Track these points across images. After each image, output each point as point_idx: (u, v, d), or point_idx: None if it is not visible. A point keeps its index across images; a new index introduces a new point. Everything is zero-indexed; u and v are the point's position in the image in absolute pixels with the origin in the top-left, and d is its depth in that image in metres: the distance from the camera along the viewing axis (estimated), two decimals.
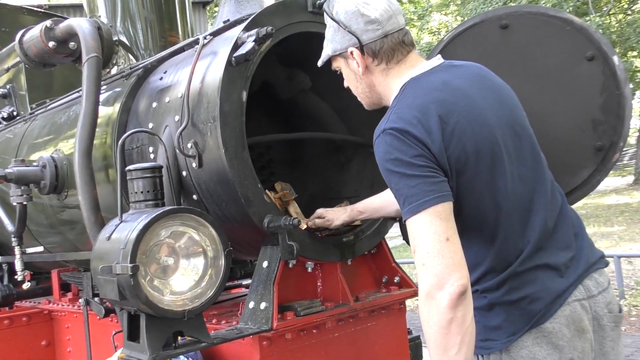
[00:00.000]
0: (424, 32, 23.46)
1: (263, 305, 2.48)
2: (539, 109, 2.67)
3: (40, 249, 3.66)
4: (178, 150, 2.50)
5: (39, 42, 3.24)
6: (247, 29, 2.49)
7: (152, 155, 2.74)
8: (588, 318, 1.91)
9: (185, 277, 2.19)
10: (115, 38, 3.54)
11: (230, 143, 2.41)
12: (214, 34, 2.76)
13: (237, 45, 2.46)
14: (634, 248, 11.95)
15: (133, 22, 3.60)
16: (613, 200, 20.54)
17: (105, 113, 3.06)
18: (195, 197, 2.61)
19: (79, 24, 3.04)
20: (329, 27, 2.09)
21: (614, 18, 19.83)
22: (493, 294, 1.94)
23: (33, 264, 4.05)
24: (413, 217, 1.77)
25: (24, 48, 3.34)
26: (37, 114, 4.03)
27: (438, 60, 2.04)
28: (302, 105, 3.33)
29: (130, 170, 2.27)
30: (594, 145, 2.70)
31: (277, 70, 3.13)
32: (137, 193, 2.25)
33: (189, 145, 2.51)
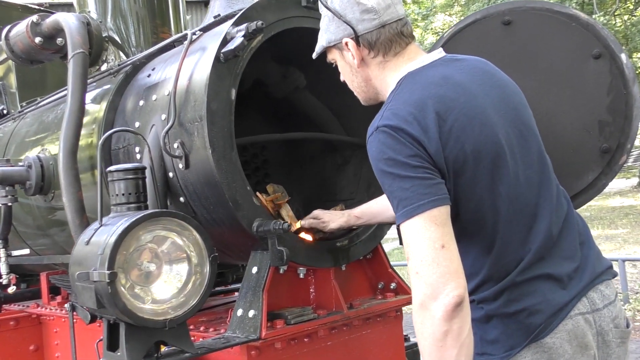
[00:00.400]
0: (428, 32, 23.33)
1: (251, 313, 2.37)
2: (543, 109, 2.55)
3: (27, 252, 3.56)
4: (164, 151, 2.39)
5: (25, 37, 3.14)
6: (236, 24, 2.39)
7: (138, 156, 2.63)
8: (592, 333, 1.78)
9: (168, 284, 2.08)
10: (105, 34, 3.44)
11: (218, 143, 2.30)
12: (204, 30, 2.65)
13: (225, 41, 2.35)
14: (639, 251, 11.81)
15: (124, 18, 3.50)
16: (617, 203, 20.39)
17: (92, 112, 2.96)
18: (183, 199, 2.50)
19: (65, 19, 2.93)
20: (324, 16, 1.96)
21: (619, 19, 19.68)
22: (490, 305, 1.82)
23: (23, 267, 3.95)
24: (407, 221, 1.64)
25: (10, 44, 3.24)
26: (26, 112, 3.93)
27: (439, 54, 1.91)
28: (298, 105, 3.21)
29: (112, 172, 2.16)
30: (600, 147, 2.58)
31: (270, 68, 3.02)
32: (118, 195, 2.14)
33: (176, 146, 2.40)
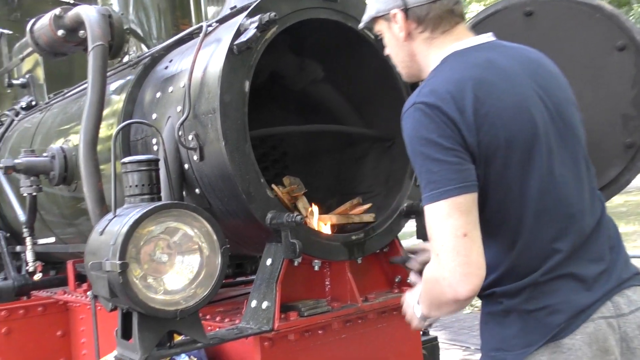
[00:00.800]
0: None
1: (265, 305, 2.38)
2: None
3: (52, 240, 3.64)
4: (178, 143, 2.41)
5: (49, 30, 3.19)
6: (250, 16, 2.39)
7: (155, 147, 2.66)
8: (615, 338, 1.72)
9: (180, 275, 2.10)
10: (127, 26, 3.47)
11: (231, 135, 2.31)
12: (220, 21, 2.66)
13: (239, 33, 2.35)
14: None
15: (145, 10, 3.53)
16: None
17: (112, 103, 3.00)
18: (198, 191, 2.52)
19: (86, 12, 2.97)
20: None
21: None
22: (510, 300, 1.77)
23: (52, 254, 4.04)
24: (431, 205, 1.63)
25: (35, 37, 3.30)
26: (52, 104, 4.01)
27: (488, 38, 1.86)
28: (316, 97, 3.20)
29: (125, 163, 2.18)
30: (624, 142, 2.52)
31: (287, 60, 3.01)
32: (132, 187, 2.17)
33: (190, 137, 2.42)
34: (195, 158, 2.42)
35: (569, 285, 1.72)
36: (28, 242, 3.43)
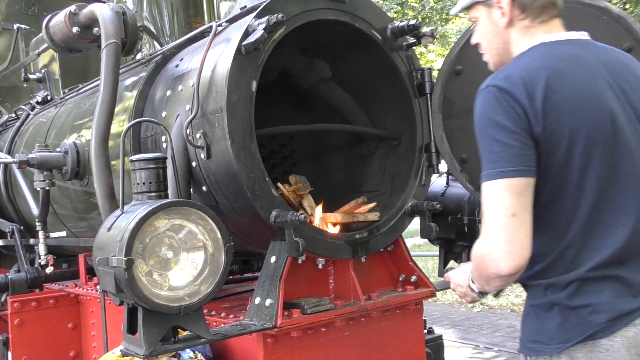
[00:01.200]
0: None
1: (268, 302, 2.41)
2: None
3: (64, 234, 3.70)
4: (186, 141, 2.45)
5: (64, 27, 3.24)
6: (258, 16, 2.42)
7: (164, 145, 2.71)
8: None
9: (184, 271, 2.13)
10: (140, 24, 3.51)
11: (238, 135, 2.34)
12: (230, 21, 2.69)
13: (247, 33, 2.38)
14: None
15: (159, 7, 3.58)
16: None
17: (124, 100, 3.05)
18: (205, 188, 2.56)
19: (100, 10, 3.01)
20: None
21: None
22: (554, 294, 1.78)
23: (65, 248, 4.11)
24: (487, 182, 1.71)
25: (50, 33, 3.35)
26: (67, 99, 4.07)
27: (580, 35, 1.90)
28: (324, 96, 3.23)
29: (134, 161, 2.22)
30: None
31: (296, 59, 3.04)
32: (139, 184, 2.21)
33: (198, 136, 2.46)
34: (203, 156, 2.46)
35: (615, 288, 1.74)
36: (41, 235, 3.49)
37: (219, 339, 2.26)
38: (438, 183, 3.52)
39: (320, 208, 2.73)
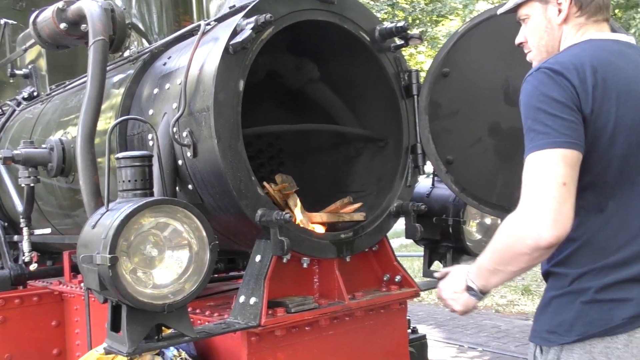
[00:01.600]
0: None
1: (253, 301, 2.42)
2: None
3: (48, 231, 3.68)
4: (173, 139, 2.46)
5: (51, 23, 3.22)
6: (247, 16, 2.42)
7: (151, 143, 2.70)
8: None
9: (169, 269, 2.14)
10: (129, 21, 3.50)
11: (224, 134, 2.35)
12: (218, 20, 2.69)
13: (235, 32, 2.39)
14: None
15: (148, 5, 3.56)
16: None
17: (111, 97, 3.04)
18: (191, 187, 2.56)
19: (88, 6, 3.00)
20: None
21: None
22: (577, 285, 1.77)
23: (49, 245, 4.08)
24: (538, 151, 1.68)
25: (38, 29, 3.34)
26: (54, 95, 4.05)
27: (628, 38, 1.93)
28: (312, 96, 3.24)
29: (120, 158, 2.22)
30: None
31: (285, 59, 3.05)
32: (125, 182, 2.21)
33: (185, 134, 2.46)
34: (189, 154, 2.46)
35: None
36: (25, 232, 3.47)
37: (203, 337, 2.27)
38: (424, 184, 3.53)
39: (299, 209, 2.73)
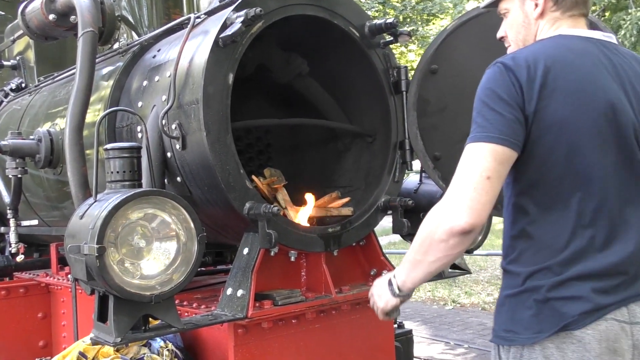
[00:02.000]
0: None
1: (240, 293, 2.43)
2: None
3: (35, 222, 3.67)
4: (162, 131, 2.46)
5: (40, 14, 3.22)
6: (237, 10, 2.43)
7: (140, 135, 2.70)
8: (627, 344, 1.77)
9: (156, 261, 2.15)
10: (119, 13, 3.50)
11: (213, 127, 2.36)
12: (208, 14, 2.70)
13: (225, 26, 2.40)
14: None
15: None
16: None
17: (100, 89, 3.03)
18: (179, 179, 2.57)
19: None
20: None
21: None
22: (530, 283, 1.80)
23: (36, 237, 4.07)
24: (472, 143, 1.74)
25: (26, 20, 3.33)
26: (42, 87, 4.03)
27: (604, 36, 1.93)
28: (301, 91, 3.25)
29: (108, 150, 2.23)
30: None
31: (274, 54, 3.06)
32: (113, 173, 2.22)
33: (174, 127, 2.47)
34: (178, 147, 2.47)
35: (590, 285, 1.76)
36: (12, 223, 3.46)
37: (190, 329, 2.28)
38: (411, 180, 3.56)
39: (288, 203, 2.74)
